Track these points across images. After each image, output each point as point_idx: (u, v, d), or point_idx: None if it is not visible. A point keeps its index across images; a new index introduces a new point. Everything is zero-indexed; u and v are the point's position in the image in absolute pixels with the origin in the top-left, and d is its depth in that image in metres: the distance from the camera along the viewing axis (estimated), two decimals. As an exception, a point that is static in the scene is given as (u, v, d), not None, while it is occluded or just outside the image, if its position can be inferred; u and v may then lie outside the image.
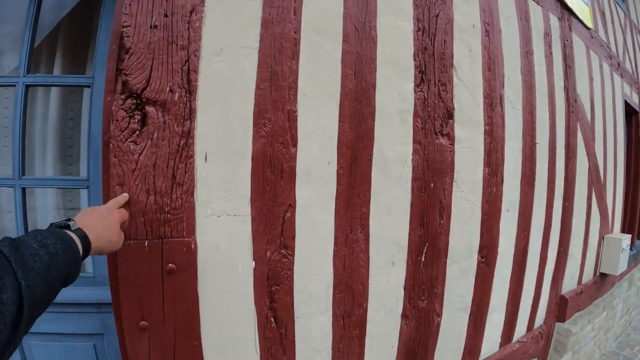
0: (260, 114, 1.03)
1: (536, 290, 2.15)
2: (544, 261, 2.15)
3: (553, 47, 2.15)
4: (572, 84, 2.33)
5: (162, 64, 0.94)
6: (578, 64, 2.43)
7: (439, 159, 1.38)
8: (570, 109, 2.29)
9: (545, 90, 2.02)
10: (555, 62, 2.16)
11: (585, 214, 2.57)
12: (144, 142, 0.93)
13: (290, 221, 1.09)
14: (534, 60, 1.92)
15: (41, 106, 1.41)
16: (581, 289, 2.65)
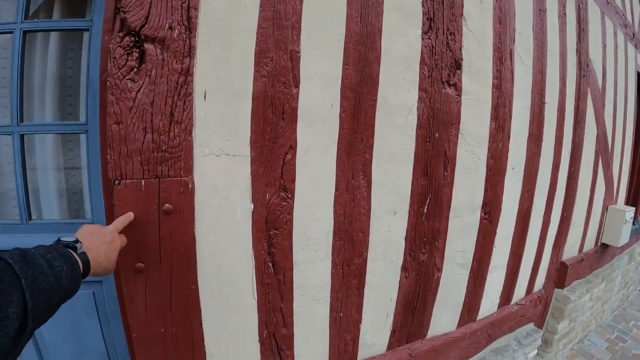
0: (262, 53, 0.99)
1: (537, 252, 2.14)
2: (546, 224, 2.13)
3: (567, 7, 2.05)
4: (585, 48, 2.24)
5: (161, 0, 0.89)
6: (592, 28, 2.33)
7: (445, 109, 1.33)
8: (582, 72, 2.21)
9: (557, 51, 1.94)
10: (568, 24, 2.07)
11: (591, 182, 2.52)
12: (141, 79, 0.90)
13: (291, 163, 1.07)
14: (546, 19, 1.83)
15: (40, 53, 1.37)
16: (582, 257, 2.64)
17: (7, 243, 1.22)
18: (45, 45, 1.28)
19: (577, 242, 2.57)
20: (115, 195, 0.91)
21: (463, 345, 1.78)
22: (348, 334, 1.34)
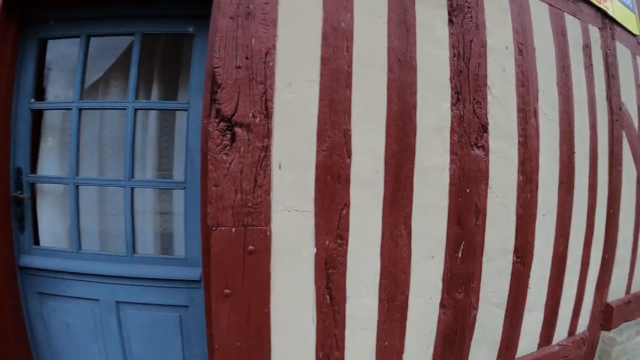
0: (322, 133, 1.31)
1: (578, 294, 2.20)
2: (585, 266, 2.20)
3: (593, 58, 2.22)
4: (616, 93, 2.37)
5: (246, 95, 1.25)
6: (623, 71, 2.45)
7: (474, 167, 1.56)
8: (614, 117, 2.33)
9: (585, 101, 2.10)
10: (596, 73, 2.23)
11: (634, 223, 2.55)
12: (233, 154, 1.24)
13: (345, 217, 1.35)
14: (571, 73, 2.02)
15: (141, 124, 1.80)
16: (629, 298, 2.62)
17: (116, 270, 1.58)
18: (146, 118, 1.69)
19: (624, 283, 2.57)
20: (213, 238, 1.23)
21: (503, 382, 1.88)
22: (392, 363, 1.54)
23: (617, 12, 2.51)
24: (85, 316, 1.69)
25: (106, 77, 1.69)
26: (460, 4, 1.60)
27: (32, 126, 1.62)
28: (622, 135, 2.39)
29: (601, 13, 2.35)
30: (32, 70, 1.60)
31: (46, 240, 1.72)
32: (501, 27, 1.70)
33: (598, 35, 2.27)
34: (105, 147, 1.71)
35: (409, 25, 1.47)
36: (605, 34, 2.34)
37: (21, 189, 1.62)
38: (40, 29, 1.60)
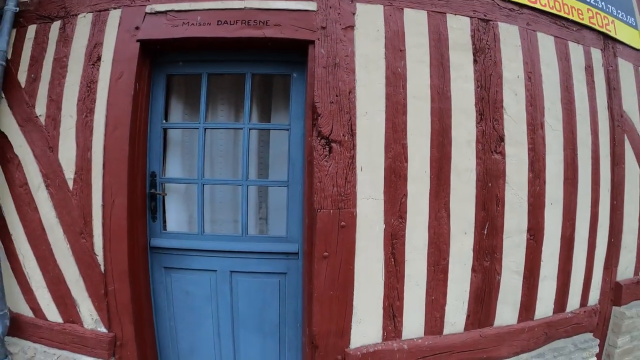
0: (388, 146, 2.18)
1: (587, 270, 2.99)
2: (592, 247, 2.99)
3: (595, 76, 3.03)
4: (618, 102, 3.17)
5: (337, 121, 2.14)
6: (625, 83, 3.21)
7: (495, 168, 2.41)
8: (615, 123, 3.13)
9: (587, 112, 2.91)
10: (597, 87, 3.03)
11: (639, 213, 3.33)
12: (331, 161, 2.13)
13: (404, 203, 2.22)
14: (574, 91, 2.84)
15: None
16: (638, 279, 3.39)
17: (232, 247, 2.44)
18: (266, 135, 2.60)
19: (632, 265, 3.34)
20: (318, 216, 2.11)
21: (523, 337, 2.68)
22: (437, 312, 2.39)
23: (619, 32, 3.31)
24: (203, 284, 2.56)
25: (215, 102, 2.61)
26: (482, 46, 2.46)
27: (163, 140, 2.53)
28: (623, 138, 3.19)
29: (603, 35, 3.16)
30: (162, 98, 2.51)
31: (172, 226, 2.62)
32: (514, 61, 2.55)
33: (600, 56, 3.09)
34: (216, 155, 2.62)
35: (445, 67, 2.34)
36: (607, 54, 3.16)
37: (155, 187, 2.53)
38: (167, 68, 2.51)
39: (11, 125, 2.51)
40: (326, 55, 2.14)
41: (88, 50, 2.38)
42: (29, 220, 2.49)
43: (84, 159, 2.33)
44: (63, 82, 2.41)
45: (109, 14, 2.38)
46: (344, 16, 2.22)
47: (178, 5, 2.27)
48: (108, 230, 2.32)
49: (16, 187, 2.51)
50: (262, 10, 2.21)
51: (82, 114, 2.34)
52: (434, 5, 2.39)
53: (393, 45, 2.25)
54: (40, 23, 2.53)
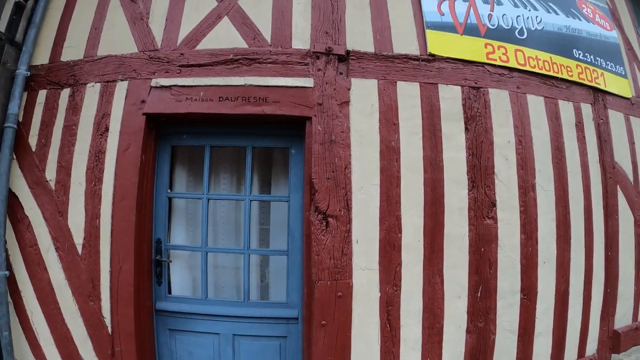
0: (383, 218, 2.37)
1: (583, 323, 3.15)
2: (588, 299, 3.16)
3: (586, 131, 3.22)
4: (609, 154, 3.36)
5: (334, 197, 2.34)
6: (617, 133, 3.40)
7: (487, 233, 2.59)
8: (607, 175, 3.31)
9: (578, 168, 3.10)
10: (588, 142, 3.22)
11: (635, 261, 3.49)
12: (328, 235, 2.32)
13: (399, 272, 2.40)
14: (564, 149, 3.04)
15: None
16: (637, 325, 3.54)
17: (234, 312, 2.63)
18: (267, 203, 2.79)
19: (629, 312, 3.50)
20: (316, 288, 2.30)
21: (519, 393, 2.84)
22: (433, 373, 2.55)
23: (609, 84, 3.51)
24: (207, 346, 2.72)
25: (217, 171, 2.82)
26: (473, 114, 2.67)
27: (168, 208, 2.72)
28: (616, 189, 3.37)
29: (593, 89, 3.35)
30: (167, 168, 2.72)
31: (177, 290, 2.81)
32: (504, 126, 2.75)
33: (590, 111, 3.29)
34: (218, 222, 2.82)
35: (437, 137, 2.54)
36: (597, 107, 3.36)
37: (161, 254, 2.72)
38: (172, 139, 2.72)
39: (22, 187, 2.72)
40: (323, 132, 2.35)
41: (96, 120, 2.59)
42: (38, 279, 2.68)
43: (93, 226, 2.52)
44: (72, 149, 2.62)
45: (116, 85, 2.59)
46: (340, 92, 2.43)
47: (182, 81, 2.48)
48: (115, 294, 2.51)
49: (26, 246, 2.71)
50: (261, 87, 2.43)
51: (91, 182, 2.54)
52: (426, 77, 2.60)
53: (387, 119, 2.45)
54: (50, 89, 2.75)
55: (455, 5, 2.94)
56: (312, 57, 2.47)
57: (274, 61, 2.45)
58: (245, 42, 2.50)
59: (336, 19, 2.57)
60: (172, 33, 2.57)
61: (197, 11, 2.59)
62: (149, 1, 2.66)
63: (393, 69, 2.53)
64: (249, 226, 2.59)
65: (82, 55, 2.70)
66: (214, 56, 2.47)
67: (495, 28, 3.01)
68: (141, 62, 2.55)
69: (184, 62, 2.49)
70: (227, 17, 2.55)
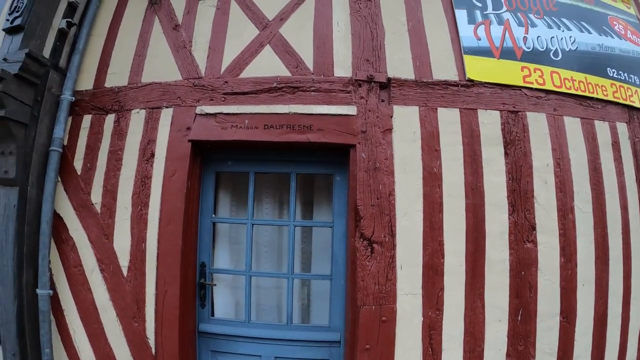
0: (426, 244, 2.46)
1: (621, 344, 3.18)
2: (626, 321, 3.18)
3: (622, 150, 3.26)
4: (647, 173, 3.40)
5: (378, 223, 2.43)
6: (655, 150, 3.44)
7: (527, 256, 2.66)
8: (645, 195, 3.35)
9: (615, 190, 3.14)
10: (625, 162, 3.25)
11: (673, 281, 3.52)
12: (372, 261, 2.41)
13: (441, 297, 2.48)
14: (602, 170, 3.08)
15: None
16: None
17: (277, 334, 2.73)
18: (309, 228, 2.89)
19: (667, 334, 3.52)
20: (361, 313, 2.39)
21: (558, 415, 2.90)
22: (474, 397, 2.63)
23: (644, 100, 3.54)
24: (248, 368, 2.82)
25: (260, 197, 2.92)
26: (512, 138, 2.74)
27: (212, 233, 2.84)
28: (654, 208, 3.40)
29: (628, 108, 3.40)
30: (212, 194, 2.84)
31: (219, 312, 2.91)
32: (543, 149, 2.82)
33: (625, 129, 3.33)
34: (261, 245, 2.92)
35: (477, 163, 2.62)
36: (633, 125, 3.39)
37: (204, 277, 2.83)
38: (217, 165, 2.84)
39: (67, 209, 2.86)
40: (367, 159, 2.44)
41: (142, 146, 2.71)
42: (81, 299, 2.81)
43: (139, 249, 2.64)
44: (118, 174, 2.75)
45: (161, 112, 2.72)
46: (382, 119, 2.53)
47: (227, 108, 2.60)
48: (160, 316, 2.63)
49: (70, 267, 2.84)
50: (305, 115, 2.53)
51: (137, 207, 2.66)
52: (465, 102, 2.68)
53: (429, 146, 2.54)
54: (95, 114, 2.90)
55: (491, 29, 3.02)
56: (354, 84, 2.57)
57: (317, 89, 2.55)
58: (288, 70, 2.61)
59: (376, 46, 2.67)
60: (215, 61, 2.68)
61: (239, 39, 2.71)
62: (191, 29, 2.79)
63: (433, 95, 2.62)
64: (293, 252, 2.68)
65: (126, 82, 2.83)
66: (257, 84, 2.58)
67: (530, 50, 3.08)
68: (185, 89, 2.67)
69: (228, 90, 2.60)
70: (269, 46, 2.66)
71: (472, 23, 3.02)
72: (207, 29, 2.76)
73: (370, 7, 2.79)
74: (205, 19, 2.83)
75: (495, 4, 3.16)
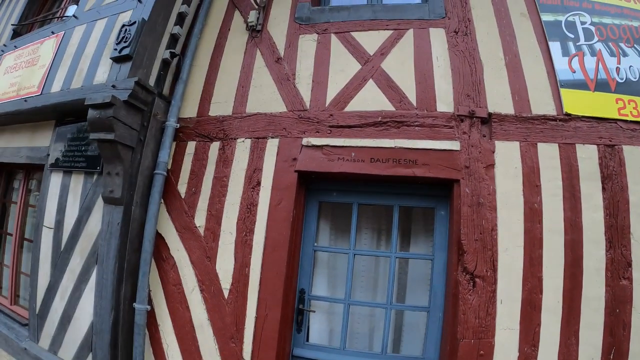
0: (525, 279, 2.59)
1: None
2: None
3: None
4: None
5: (481, 258, 2.57)
6: None
7: (622, 294, 2.75)
8: None
9: None
10: None
11: None
12: (474, 294, 2.56)
13: (537, 333, 2.61)
14: None
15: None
16: None
17: None
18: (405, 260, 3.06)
19: None
20: (460, 346, 2.54)
21: None
22: None
23: None
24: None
25: (360, 227, 3.10)
26: (609, 173, 2.82)
27: (313, 261, 3.03)
28: None
29: None
30: (315, 223, 3.02)
31: (314, 338, 3.10)
32: (639, 184, 2.89)
33: None
34: (357, 274, 3.10)
35: (576, 198, 2.72)
36: None
37: (303, 303, 3.03)
38: (321, 195, 3.02)
39: (169, 230, 3.11)
40: (470, 194, 2.58)
41: (248, 174, 2.93)
42: (179, 316, 3.06)
43: (242, 273, 2.87)
44: (223, 200, 2.98)
45: (267, 142, 2.93)
46: (485, 154, 2.66)
47: (333, 141, 2.78)
48: (259, 338, 2.84)
49: (169, 284, 3.10)
50: (410, 149, 2.68)
51: (242, 232, 2.88)
52: (563, 137, 2.78)
53: (529, 181, 2.65)
54: (199, 141, 3.13)
55: (585, 61, 3.09)
56: (457, 120, 2.71)
57: (421, 124, 2.70)
58: (392, 105, 2.76)
59: (475, 81, 2.79)
60: (319, 94, 2.86)
61: (342, 73, 2.87)
62: (294, 63, 2.97)
63: (533, 130, 2.72)
64: (393, 283, 2.85)
65: (230, 112, 3.04)
66: (362, 118, 2.75)
67: (624, 81, 3.13)
68: (291, 121, 2.86)
69: (334, 123, 2.78)
70: (372, 80, 2.82)
71: (566, 55, 3.09)
72: (310, 62, 2.94)
73: (467, 41, 2.91)
74: (306, 53, 3.02)
75: (587, 34, 3.22)
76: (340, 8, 3.25)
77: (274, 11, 3.38)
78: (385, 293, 2.86)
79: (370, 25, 3.06)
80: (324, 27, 3.13)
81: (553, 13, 3.27)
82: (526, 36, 3.05)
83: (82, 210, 3.24)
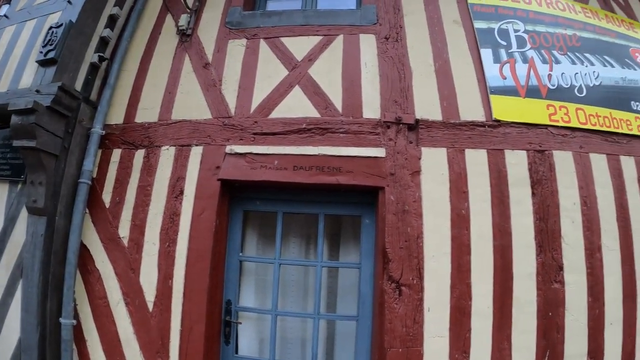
0: (454, 286, 2.59)
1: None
2: None
3: (649, 184, 3.38)
4: (674, 206, 3.50)
5: (407, 266, 2.56)
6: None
7: (554, 297, 2.78)
8: (673, 229, 3.46)
9: (642, 225, 3.27)
10: (652, 196, 3.39)
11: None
12: (400, 303, 2.54)
13: (468, 338, 2.60)
14: (628, 206, 3.20)
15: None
16: None
17: None
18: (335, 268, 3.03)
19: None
20: (388, 355, 2.51)
21: None
22: None
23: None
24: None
25: (287, 237, 3.07)
26: (539, 178, 2.87)
27: (238, 271, 2.98)
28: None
29: (652, 140, 3.51)
30: (239, 232, 2.98)
31: (243, 350, 3.04)
32: (570, 188, 2.94)
33: (651, 163, 3.44)
34: (286, 284, 3.06)
35: (505, 204, 2.75)
36: (659, 158, 3.51)
37: (230, 315, 2.97)
38: (245, 204, 2.99)
39: (94, 241, 3.02)
40: (395, 202, 2.58)
41: (171, 183, 2.88)
42: (105, 330, 2.96)
43: (165, 285, 2.80)
44: (147, 209, 2.91)
45: (190, 149, 2.89)
46: (411, 161, 2.67)
47: (256, 149, 2.76)
48: (184, 352, 2.77)
49: (95, 298, 3.00)
50: (335, 157, 2.68)
51: (165, 243, 2.82)
52: (492, 143, 2.82)
53: (457, 188, 2.67)
54: (125, 148, 3.07)
55: (516, 68, 3.16)
56: (383, 126, 2.72)
57: (346, 131, 2.70)
58: (317, 111, 2.76)
59: (404, 87, 2.82)
60: (245, 101, 2.85)
61: (268, 79, 2.87)
62: (222, 68, 2.96)
63: (461, 136, 2.76)
64: (320, 293, 2.82)
65: (156, 118, 3.00)
66: (287, 125, 2.74)
67: (555, 88, 3.22)
68: (215, 128, 2.83)
69: (258, 130, 2.76)
70: (299, 86, 2.82)
71: (498, 62, 3.16)
72: (237, 68, 2.93)
73: (397, 47, 2.94)
74: (235, 59, 3.01)
75: (519, 42, 3.31)
76: (272, 13, 3.26)
77: (206, 15, 3.37)
78: (319, 304, 2.82)
79: (300, 30, 3.08)
80: (253, 32, 3.13)
81: (486, 21, 3.35)
82: (458, 43, 3.11)
83: (7, 221, 3.11)
